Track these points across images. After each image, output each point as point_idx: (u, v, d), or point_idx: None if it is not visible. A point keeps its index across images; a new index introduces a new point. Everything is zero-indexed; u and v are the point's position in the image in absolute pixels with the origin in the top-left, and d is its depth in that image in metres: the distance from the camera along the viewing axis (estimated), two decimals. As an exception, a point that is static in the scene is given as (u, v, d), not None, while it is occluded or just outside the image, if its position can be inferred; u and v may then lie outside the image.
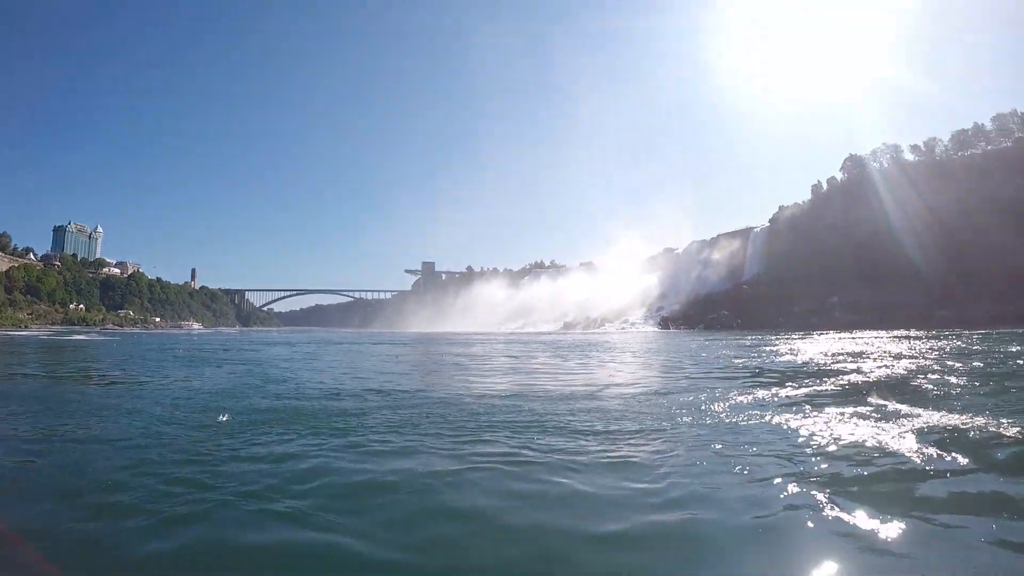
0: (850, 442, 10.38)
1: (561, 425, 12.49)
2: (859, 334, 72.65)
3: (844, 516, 6.87)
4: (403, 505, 7.60)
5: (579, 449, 10.26)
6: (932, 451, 9.50)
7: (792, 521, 6.89)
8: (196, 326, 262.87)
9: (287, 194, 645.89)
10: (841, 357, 32.67)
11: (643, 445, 10.59)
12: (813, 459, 9.40)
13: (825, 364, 28.45)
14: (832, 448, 10.05)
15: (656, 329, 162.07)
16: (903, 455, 9.40)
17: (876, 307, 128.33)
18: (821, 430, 11.40)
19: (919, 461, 9.06)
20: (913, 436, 10.51)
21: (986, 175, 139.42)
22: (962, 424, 11.57)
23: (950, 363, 26.49)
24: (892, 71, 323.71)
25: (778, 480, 8.23)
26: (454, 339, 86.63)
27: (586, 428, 12.12)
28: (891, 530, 6.47)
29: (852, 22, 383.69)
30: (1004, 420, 11.84)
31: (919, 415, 12.62)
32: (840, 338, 61.39)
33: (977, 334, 60.26)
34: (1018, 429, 10.98)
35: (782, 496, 7.61)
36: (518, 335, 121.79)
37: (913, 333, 70.09)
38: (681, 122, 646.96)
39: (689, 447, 10.40)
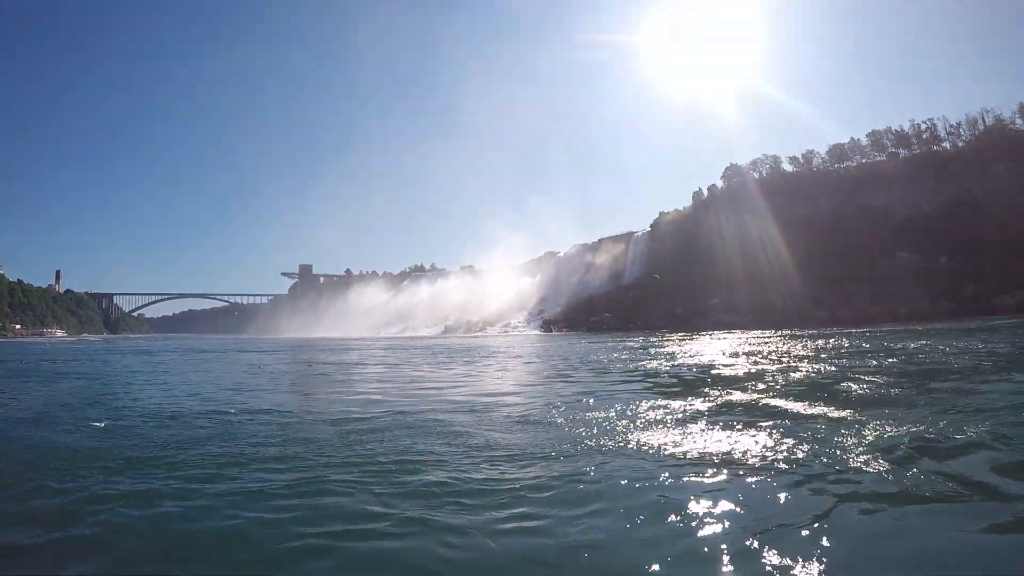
0: (830, 475, 8.13)
1: (435, 463, 9.41)
2: (745, 334, 72.01)
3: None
4: None
5: (459, 518, 7.00)
6: (925, 478, 7.84)
7: None
8: (60, 333, 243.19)
9: (160, 192, 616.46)
10: (742, 358, 31.03)
11: (551, 500, 7.56)
12: (792, 523, 6.60)
13: (730, 367, 26.46)
14: (811, 492, 7.57)
15: (538, 332, 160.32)
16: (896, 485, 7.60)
17: (755, 308, 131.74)
18: (777, 456, 9.08)
19: (915, 491, 7.43)
20: (888, 454, 8.87)
21: (860, 186, 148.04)
22: (930, 434, 10.13)
23: (860, 363, 25.57)
24: (767, 88, 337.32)
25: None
26: (329, 345, 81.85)
27: (469, 470, 9.02)
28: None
29: (730, 41, 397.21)
30: (966, 427, 10.54)
31: (874, 425, 10.95)
32: (729, 338, 60.43)
33: (867, 332, 60.09)
34: (982, 433, 10.04)
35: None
36: (398, 340, 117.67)
37: (798, 332, 69.93)
38: (567, 126, 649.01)
39: (617, 499, 7.45)
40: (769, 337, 59.08)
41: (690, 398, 15.59)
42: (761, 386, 18.34)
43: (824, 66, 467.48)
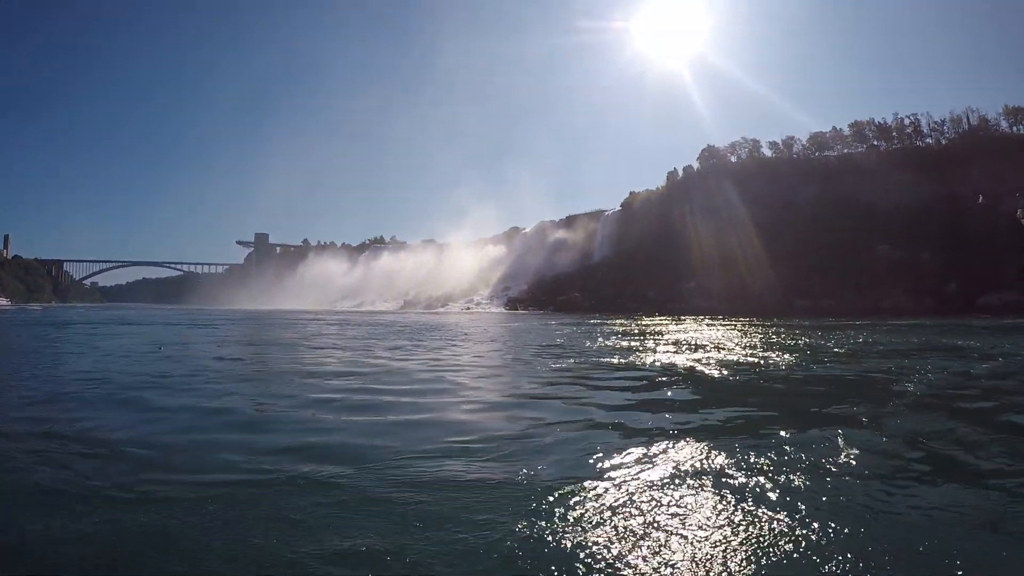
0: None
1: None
2: (734, 322, 65.25)
3: None
4: None
5: None
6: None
7: None
8: (4, 301, 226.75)
9: (113, 156, 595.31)
10: (772, 354, 24.10)
11: None
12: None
13: (775, 365, 19.74)
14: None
15: (503, 310, 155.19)
16: None
17: (733, 295, 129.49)
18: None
19: None
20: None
21: (840, 176, 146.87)
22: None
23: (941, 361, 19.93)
24: (747, 78, 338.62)
25: None
26: (277, 319, 73.85)
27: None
28: None
29: (714, 30, 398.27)
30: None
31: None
32: (722, 326, 53.37)
33: (880, 324, 52.71)
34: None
35: None
36: (353, 314, 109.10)
37: (805, 322, 63.19)
38: (545, 99, 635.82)
39: None
40: (769, 326, 52.85)
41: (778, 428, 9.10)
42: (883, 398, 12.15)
43: (809, 60, 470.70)
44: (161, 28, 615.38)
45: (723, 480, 6.84)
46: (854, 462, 7.51)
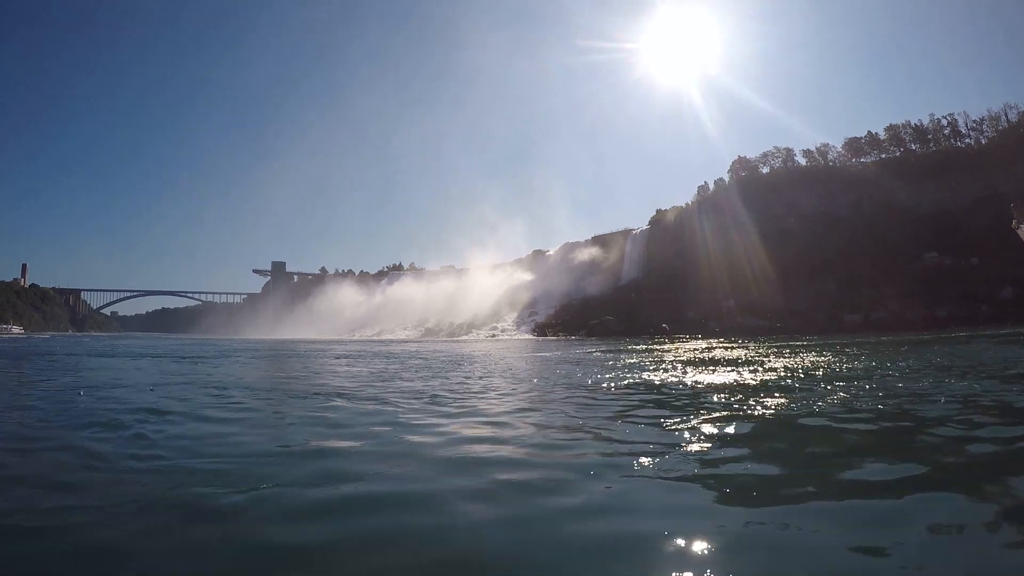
0: None
1: None
2: (803, 339, 58.13)
3: None
4: None
5: None
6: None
7: None
8: (16, 330, 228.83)
9: (133, 186, 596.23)
10: (941, 374, 18.44)
11: None
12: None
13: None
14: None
15: (531, 336, 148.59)
16: None
17: (777, 310, 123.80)
18: None
19: None
20: None
21: (879, 182, 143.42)
22: None
23: None
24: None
25: None
26: (281, 350, 66.22)
27: None
28: None
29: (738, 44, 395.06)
30: None
31: None
32: (808, 347, 45.64)
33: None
34: None
35: None
36: (369, 344, 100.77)
37: (885, 338, 55.89)
38: (569, 116, 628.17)
39: None
40: (848, 345, 45.77)
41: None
42: None
43: (831, 67, 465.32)
44: (183, 71, 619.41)
45: None
46: None
